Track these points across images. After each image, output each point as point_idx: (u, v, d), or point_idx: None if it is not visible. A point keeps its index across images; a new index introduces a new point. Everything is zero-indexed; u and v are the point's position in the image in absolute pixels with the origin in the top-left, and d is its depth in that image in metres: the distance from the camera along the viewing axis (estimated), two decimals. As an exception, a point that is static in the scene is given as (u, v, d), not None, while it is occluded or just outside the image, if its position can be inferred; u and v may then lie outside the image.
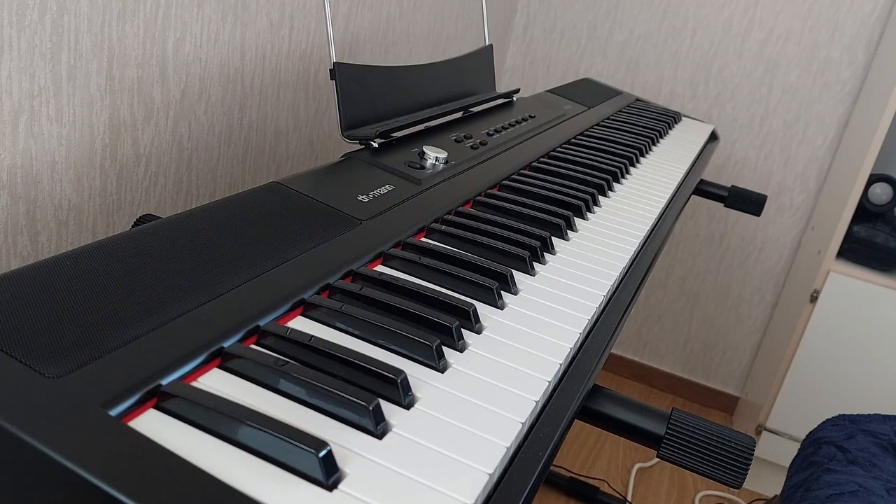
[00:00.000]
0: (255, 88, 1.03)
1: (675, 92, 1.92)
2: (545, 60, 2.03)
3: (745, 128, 1.89)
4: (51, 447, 0.29)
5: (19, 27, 0.68)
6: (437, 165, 0.75)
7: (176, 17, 0.86)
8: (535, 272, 0.60)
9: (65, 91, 0.74)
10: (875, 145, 1.56)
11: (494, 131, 0.93)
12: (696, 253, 2.01)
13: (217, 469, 0.31)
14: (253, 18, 0.98)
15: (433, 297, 0.50)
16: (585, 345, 0.53)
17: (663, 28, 1.90)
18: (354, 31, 1.24)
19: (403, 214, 0.63)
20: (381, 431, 0.36)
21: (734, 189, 1.25)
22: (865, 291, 1.64)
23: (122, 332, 0.38)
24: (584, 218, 0.76)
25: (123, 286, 0.42)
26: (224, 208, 0.54)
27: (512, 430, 0.39)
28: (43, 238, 0.76)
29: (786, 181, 1.89)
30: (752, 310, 2.00)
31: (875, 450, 1.10)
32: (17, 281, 0.40)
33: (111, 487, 0.28)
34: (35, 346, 0.35)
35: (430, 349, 0.43)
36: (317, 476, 0.32)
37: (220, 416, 0.34)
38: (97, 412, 0.32)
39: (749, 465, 0.50)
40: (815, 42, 1.79)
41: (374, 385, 0.40)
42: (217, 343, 0.40)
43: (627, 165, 0.96)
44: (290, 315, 0.46)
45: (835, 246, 1.64)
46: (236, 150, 1.02)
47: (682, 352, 2.10)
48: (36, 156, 0.73)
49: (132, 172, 0.86)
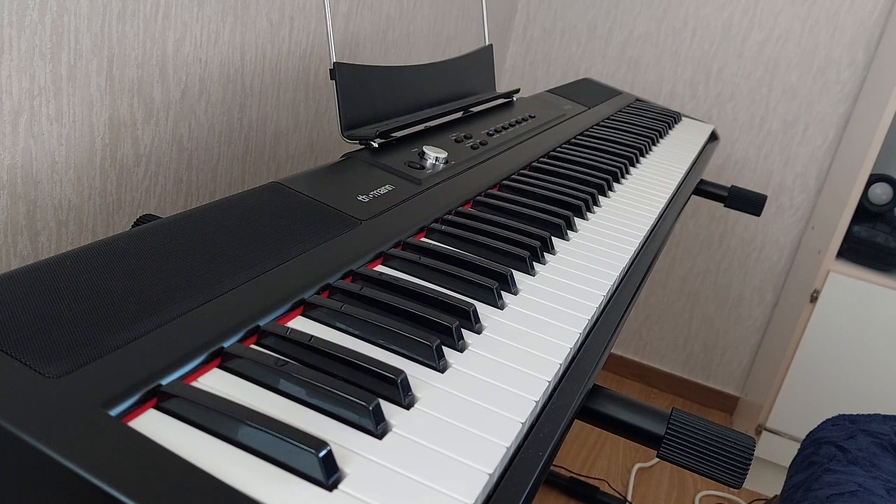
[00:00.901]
0: (255, 88, 1.03)
1: (675, 92, 1.92)
2: (545, 60, 2.03)
3: (745, 128, 1.89)
4: (51, 447, 0.29)
5: (19, 27, 0.68)
6: (437, 165, 0.75)
7: (176, 16, 0.86)
8: (535, 272, 0.60)
9: (65, 91, 0.74)
10: (875, 145, 1.56)
11: (494, 131, 0.93)
12: (696, 253, 2.01)
13: (217, 469, 0.31)
14: (253, 18, 0.99)
15: (433, 297, 0.50)
16: (585, 345, 0.53)
17: (663, 28, 1.90)
18: (354, 31, 1.24)
19: (403, 214, 0.63)
20: (381, 431, 0.36)
21: (734, 189, 1.25)
22: (865, 291, 1.64)
23: (122, 332, 0.38)
24: (584, 218, 0.76)
25: (123, 286, 0.42)
26: (224, 208, 0.54)
27: (512, 430, 0.39)
28: (43, 238, 0.76)
29: (786, 181, 1.89)
30: (752, 310, 2.00)
31: (875, 450, 1.10)
32: (17, 281, 0.40)
33: (111, 487, 0.28)
34: (35, 346, 0.35)
35: (430, 349, 0.43)
36: (317, 476, 0.32)
37: (220, 416, 0.34)
38: (97, 412, 0.32)
39: (749, 465, 0.50)
40: (815, 42, 1.79)
41: (374, 385, 0.40)
42: (217, 343, 0.40)
43: (627, 165, 0.96)
44: (290, 315, 0.46)
45: (835, 246, 1.64)
46: (236, 150, 1.02)
47: (682, 352, 2.10)
48: (36, 156, 0.73)
49: (132, 172, 0.86)
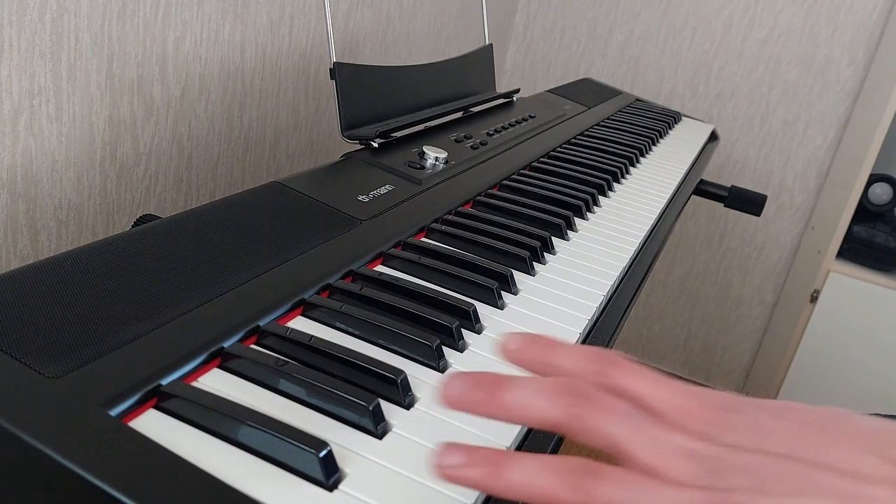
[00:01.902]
0: (255, 87, 1.03)
1: (675, 92, 1.92)
2: (545, 60, 2.03)
3: (745, 127, 1.89)
4: (51, 447, 0.29)
5: (19, 26, 0.68)
6: (437, 165, 0.75)
7: (176, 15, 0.85)
8: (535, 272, 0.60)
9: (65, 90, 0.74)
10: (875, 145, 1.56)
11: (494, 131, 0.93)
12: (696, 253, 2.01)
13: (217, 469, 0.31)
14: (253, 17, 0.98)
15: (433, 297, 0.50)
16: (586, 345, 0.53)
17: (663, 28, 1.90)
18: (354, 31, 1.24)
19: (403, 214, 0.63)
20: (382, 431, 0.36)
21: (734, 189, 1.24)
22: (865, 291, 1.64)
23: (121, 332, 0.38)
24: (584, 218, 0.76)
25: (123, 286, 0.42)
26: (224, 208, 0.54)
27: (512, 430, 0.39)
28: (43, 237, 0.76)
29: (786, 181, 1.89)
30: (752, 310, 2.00)
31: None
32: (17, 281, 0.40)
33: (111, 487, 0.28)
34: (35, 346, 0.35)
35: (430, 349, 0.43)
36: (317, 476, 0.32)
37: (220, 416, 0.34)
38: (97, 412, 0.32)
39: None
40: (815, 41, 1.79)
41: (374, 385, 0.40)
42: (217, 343, 0.40)
43: (627, 165, 0.96)
44: (290, 315, 0.46)
45: (835, 246, 1.64)
46: (236, 149, 1.02)
47: (682, 351, 2.10)
48: (36, 155, 0.73)
49: (132, 171, 0.86)
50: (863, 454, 0.27)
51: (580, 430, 0.29)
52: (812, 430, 0.28)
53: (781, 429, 0.29)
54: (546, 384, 0.30)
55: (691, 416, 0.29)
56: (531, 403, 0.29)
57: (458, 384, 0.30)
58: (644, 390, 0.30)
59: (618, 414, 0.29)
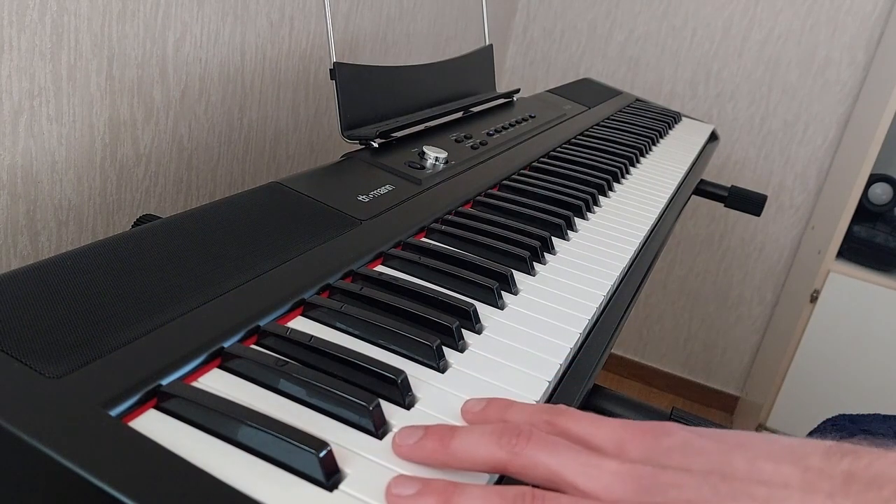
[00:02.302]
0: (255, 88, 1.03)
1: (675, 92, 1.92)
2: (545, 60, 2.03)
3: (745, 128, 1.89)
4: (51, 447, 0.29)
5: (19, 27, 0.68)
6: (437, 165, 0.75)
7: (176, 16, 0.86)
8: (535, 272, 0.60)
9: (65, 91, 0.74)
10: (875, 145, 1.56)
11: (494, 131, 0.93)
12: (696, 253, 2.01)
13: (217, 469, 0.31)
14: (253, 18, 0.98)
15: (433, 297, 0.50)
16: (586, 345, 0.53)
17: (663, 28, 1.90)
18: (354, 31, 1.24)
19: (403, 214, 0.63)
20: (381, 432, 0.36)
21: (734, 189, 1.24)
22: (865, 291, 1.64)
23: (122, 332, 0.38)
24: (585, 218, 0.76)
25: (123, 286, 0.42)
26: (224, 208, 0.54)
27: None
28: (43, 238, 0.76)
29: (786, 181, 1.89)
30: (752, 310, 2.00)
31: (875, 450, 1.09)
32: (17, 281, 0.40)
33: (111, 487, 0.28)
34: (35, 346, 0.35)
35: (430, 349, 0.43)
36: (317, 476, 0.32)
37: (221, 416, 0.34)
38: (97, 412, 0.32)
39: (749, 465, 0.49)
40: (815, 42, 1.79)
41: (374, 385, 0.40)
42: (217, 343, 0.40)
43: (627, 165, 0.96)
44: (290, 315, 0.46)
45: (835, 246, 1.64)
46: (236, 150, 1.02)
47: (682, 351, 2.10)
48: (36, 155, 0.73)
49: (132, 172, 0.86)
50: (782, 465, 0.31)
51: (522, 466, 0.32)
52: (736, 448, 0.32)
53: (709, 448, 0.32)
54: (491, 428, 0.34)
55: (626, 445, 0.33)
56: (477, 447, 0.33)
57: (411, 435, 0.34)
58: (586, 430, 0.34)
59: (554, 446, 0.32)
